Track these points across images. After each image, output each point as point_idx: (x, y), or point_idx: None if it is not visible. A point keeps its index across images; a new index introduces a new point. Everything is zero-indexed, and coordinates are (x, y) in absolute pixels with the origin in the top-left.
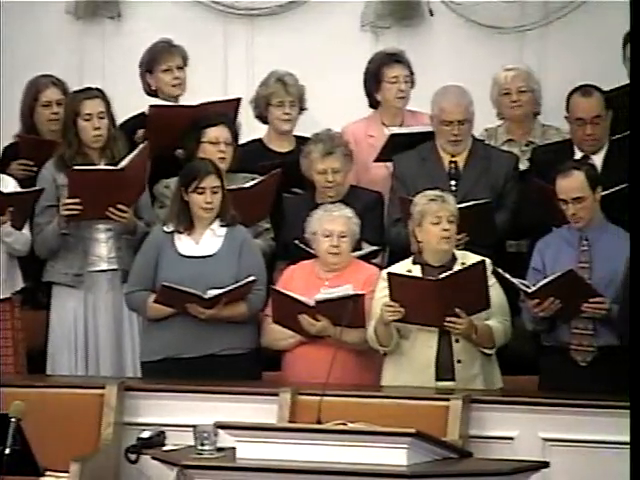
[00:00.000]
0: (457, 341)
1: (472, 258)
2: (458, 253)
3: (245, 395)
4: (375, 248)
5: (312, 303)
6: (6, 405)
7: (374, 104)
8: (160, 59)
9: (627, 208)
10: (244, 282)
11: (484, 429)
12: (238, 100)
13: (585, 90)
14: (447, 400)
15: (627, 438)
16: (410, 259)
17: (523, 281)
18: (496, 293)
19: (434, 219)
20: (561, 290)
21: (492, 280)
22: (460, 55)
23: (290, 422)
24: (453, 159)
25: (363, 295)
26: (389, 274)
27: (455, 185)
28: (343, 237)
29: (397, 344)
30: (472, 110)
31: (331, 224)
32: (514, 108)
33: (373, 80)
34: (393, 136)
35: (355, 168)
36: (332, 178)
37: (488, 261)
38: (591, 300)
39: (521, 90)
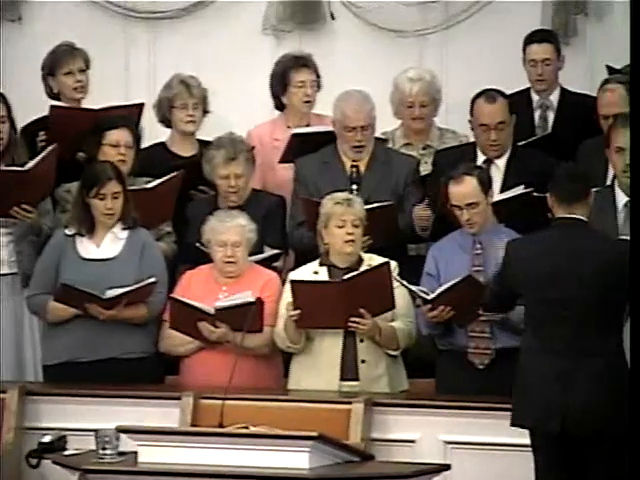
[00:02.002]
0: (362, 341)
1: (378, 260)
2: (365, 255)
3: (147, 399)
4: (276, 252)
5: (212, 311)
6: None
7: (280, 106)
8: (62, 62)
9: (526, 212)
10: (144, 283)
11: (386, 432)
12: (141, 105)
13: (489, 95)
14: (349, 403)
15: (526, 440)
16: (317, 261)
17: (422, 288)
18: (401, 295)
19: (339, 222)
20: (460, 295)
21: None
22: (362, 58)
23: (192, 426)
24: (355, 163)
25: (262, 301)
26: (291, 282)
27: (357, 189)
28: (237, 247)
29: (304, 344)
30: (374, 115)
31: (224, 234)
32: (415, 121)
33: (279, 83)
34: (294, 136)
35: (261, 171)
36: (234, 183)
37: (394, 263)
38: None
39: (424, 105)
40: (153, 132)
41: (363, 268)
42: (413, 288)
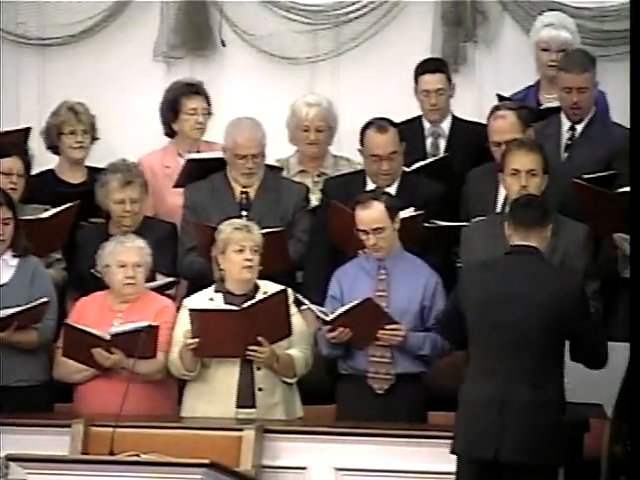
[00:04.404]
0: (259, 369)
1: (273, 287)
2: (260, 282)
3: (37, 427)
4: (170, 280)
5: (107, 337)
6: None
7: (170, 133)
8: None
9: (418, 237)
10: (36, 303)
11: (277, 459)
12: (28, 129)
13: (380, 126)
14: (241, 430)
15: (422, 466)
16: (212, 287)
17: (322, 308)
18: (297, 322)
19: (237, 247)
20: (359, 318)
21: (294, 309)
22: (253, 85)
23: (83, 454)
24: (244, 189)
25: (157, 327)
26: (190, 310)
27: (246, 215)
28: (138, 267)
29: (198, 372)
30: (265, 142)
31: (125, 255)
32: (311, 146)
33: (170, 110)
34: (189, 162)
35: (153, 199)
36: (130, 208)
37: (290, 290)
38: (387, 327)
39: (320, 130)
40: (42, 159)
41: (259, 295)
42: (314, 308)
